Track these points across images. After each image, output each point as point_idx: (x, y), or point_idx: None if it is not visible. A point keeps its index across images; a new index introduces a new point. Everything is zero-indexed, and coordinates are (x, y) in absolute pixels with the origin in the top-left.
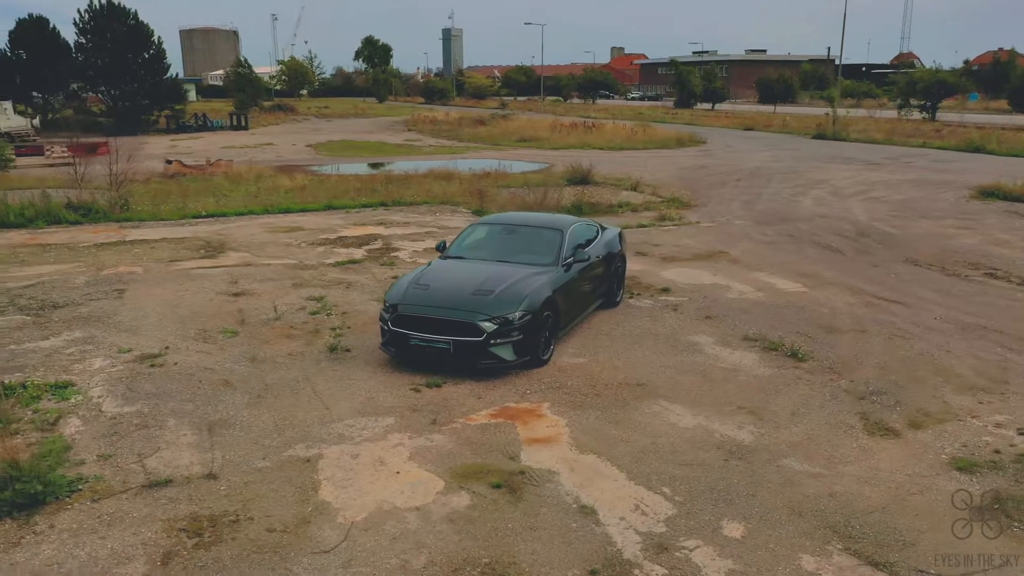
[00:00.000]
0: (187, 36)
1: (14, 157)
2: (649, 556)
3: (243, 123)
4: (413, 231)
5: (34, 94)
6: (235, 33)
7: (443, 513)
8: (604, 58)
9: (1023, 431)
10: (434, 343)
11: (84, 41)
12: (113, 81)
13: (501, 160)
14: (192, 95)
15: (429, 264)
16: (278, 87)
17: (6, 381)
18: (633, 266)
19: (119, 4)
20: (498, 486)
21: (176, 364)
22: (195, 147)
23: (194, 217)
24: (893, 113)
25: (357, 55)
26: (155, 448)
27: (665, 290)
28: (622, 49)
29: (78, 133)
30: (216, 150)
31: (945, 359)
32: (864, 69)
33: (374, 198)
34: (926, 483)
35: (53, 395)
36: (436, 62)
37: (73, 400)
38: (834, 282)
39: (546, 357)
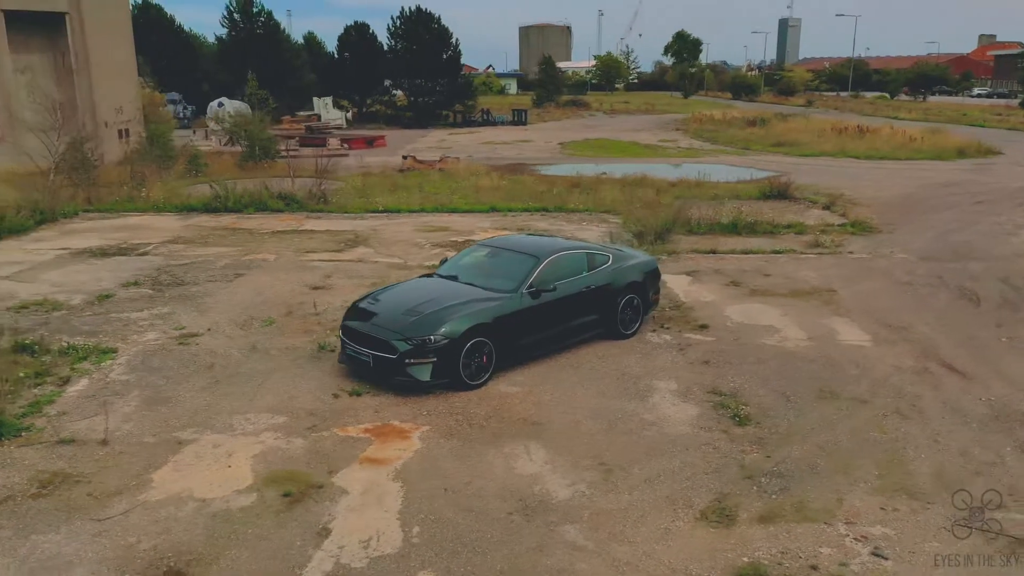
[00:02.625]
0: (524, 32)
1: (279, 149)
2: None
3: (523, 119)
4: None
5: (353, 91)
6: (568, 29)
7: (217, 509)
8: (966, 48)
9: (878, 552)
10: (360, 355)
11: (395, 44)
12: (416, 79)
13: (732, 166)
14: (513, 88)
15: (406, 280)
16: (593, 81)
17: (70, 342)
18: (704, 296)
19: (426, 10)
20: (287, 495)
21: (197, 345)
22: (460, 141)
23: (371, 212)
24: None
25: (666, 50)
26: (97, 413)
27: (703, 327)
28: (993, 37)
29: (382, 125)
30: (476, 145)
31: (913, 452)
32: None
33: (544, 202)
34: None
35: (96, 358)
36: (758, 55)
37: (102, 364)
38: (917, 338)
39: (477, 383)
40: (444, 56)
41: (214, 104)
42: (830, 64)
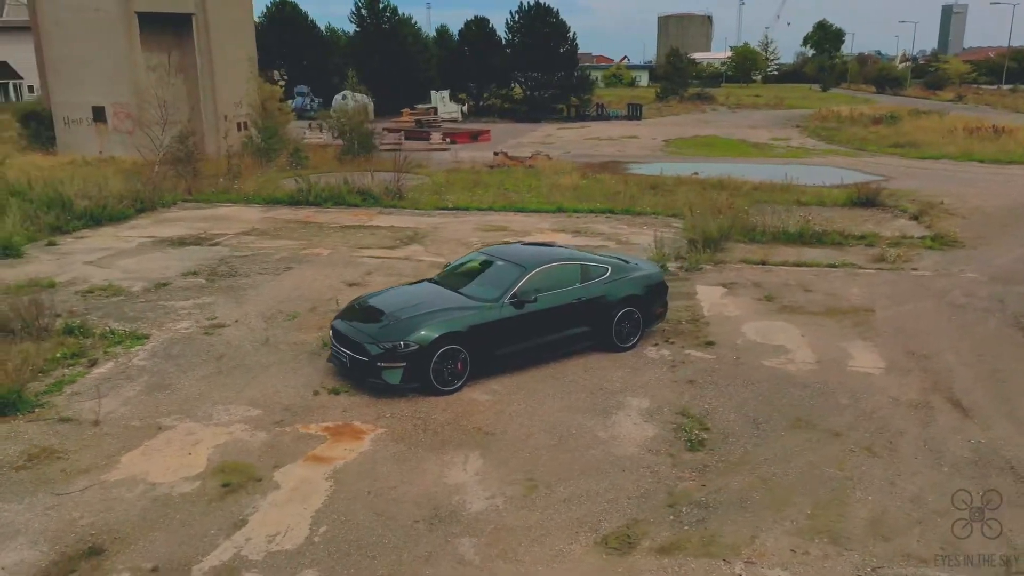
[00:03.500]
0: (663, 22)
1: (376, 144)
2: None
3: (637, 114)
4: (587, 242)
5: (470, 84)
6: (709, 18)
7: (160, 493)
8: None
9: None
10: (340, 355)
11: (513, 38)
12: (532, 73)
13: (835, 168)
14: (644, 80)
15: (400, 285)
16: (728, 73)
17: (112, 327)
18: (729, 311)
19: (544, 4)
20: (226, 485)
21: (219, 335)
22: (566, 136)
23: (441, 209)
24: None
25: (806, 40)
26: (105, 395)
27: (709, 344)
28: None
29: (495, 118)
30: (579, 140)
31: (861, 494)
32: None
33: (614, 203)
34: None
35: (128, 343)
36: (919, 44)
37: (131, 350)
38: (936, 368)
39: (450, 388)
40: (561, 50)
41: (338, 97)
42: (995, 54)
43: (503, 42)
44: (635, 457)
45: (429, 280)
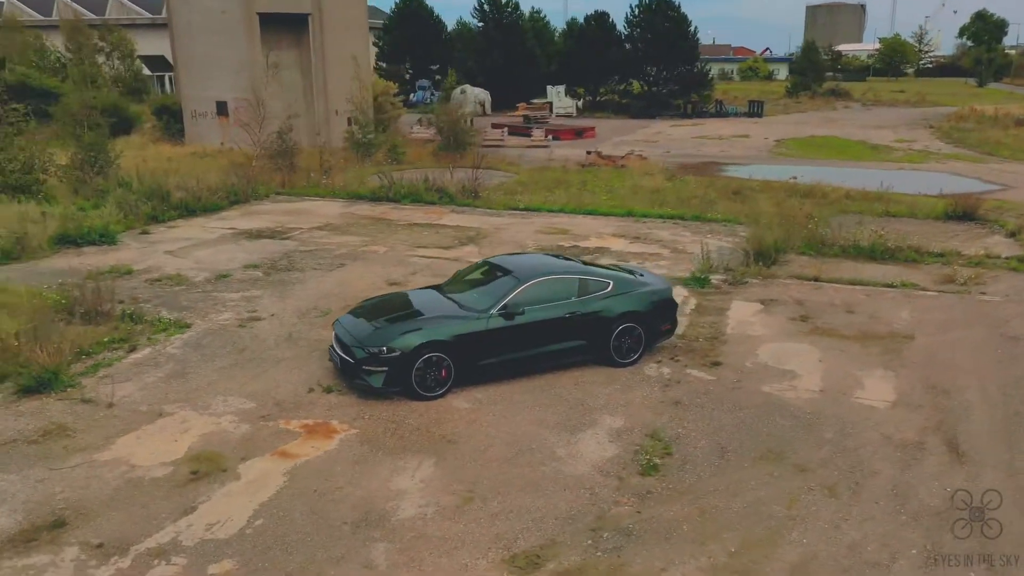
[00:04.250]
0: (811, 12)
1: (476, 140)
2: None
3: (758, 111)
4: (642, 249)
5: (588, 79)
6: (862, 7)
7: (135, 476)
8: None
9: None
10: (334, 355)
11: (633, 32)
12: (650, 68)
13: (951, 175)
14: (782, 73)
15: (402, 290)
16: (876, 66)
17: (162, 316)
18: (754, 330)
19: None
20: (194, 472)
21: (250, 329)
22: (674, 134)
23: (512, 209)
24: None
25: (962, 32)
26: (126, 380)
27: (715, 364)
28: None
29: (610, 114)
30: (686, 139)
31: (798, 536)
32: None
33: (687, 209)
34: None
35: (171, 332)
36: None
37: (170, 338)
38: (950, 407)
39: (432, 394)
40: (681, 45)
41: (456, 91)
42: None
43: (623, 36)
44: (582, 477)
45: (434, 287)
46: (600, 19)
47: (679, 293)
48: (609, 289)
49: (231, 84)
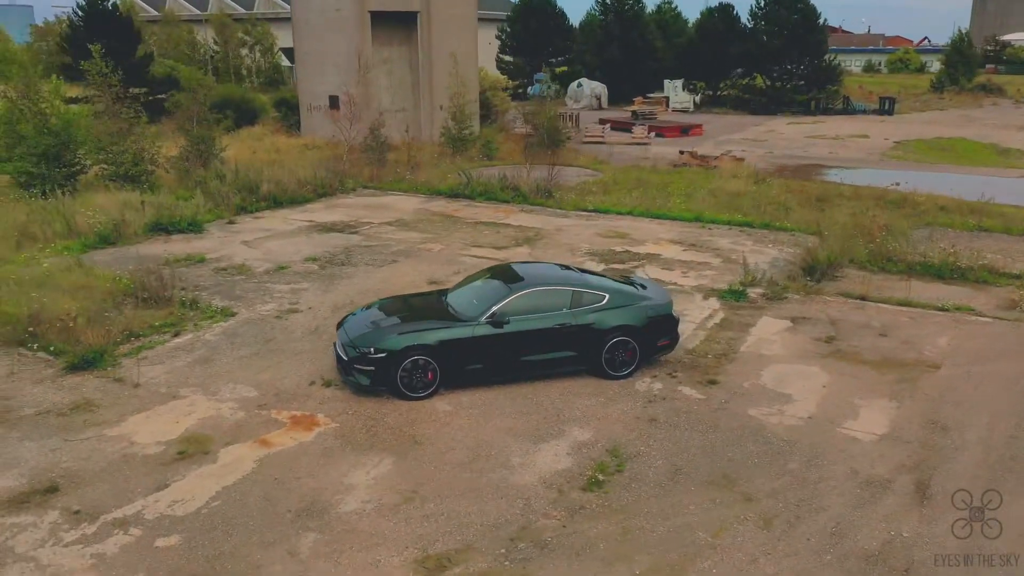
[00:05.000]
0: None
1: (563, 138)
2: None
3: (889, 108)
4: (692, 258)
5: (704, 74)
6: None
7: (132, 452)
8: None
9: None
10: (336, 352)
11: (757, 24)
12: (774, 63)
13: None
14: (935, 65)
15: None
16: None
17: (214, 304)
18: (769, 349)
19: None
20: (181, 453)
21: (285, 320)
22: (786, 133)
23: (581, 210)
24: None
25: None
26: (159, 363)
27: (711, 383)
28: None
29: (728, 110)
30: (796, 138)
31: (707, 565)
32: None
33: (760, 216)
34: None
35: (217, 319)
36: None
37: (213, 325)
38: (943, 445)
39: (417, 395)
40: (808, 39)
41: (573, 85)
42: None
43: (747, 29)
44: (524, 487)
45: (440, 291)
46: (724, 11)
47: (709, 306)
48: (603, 302)
49: (342, 79)
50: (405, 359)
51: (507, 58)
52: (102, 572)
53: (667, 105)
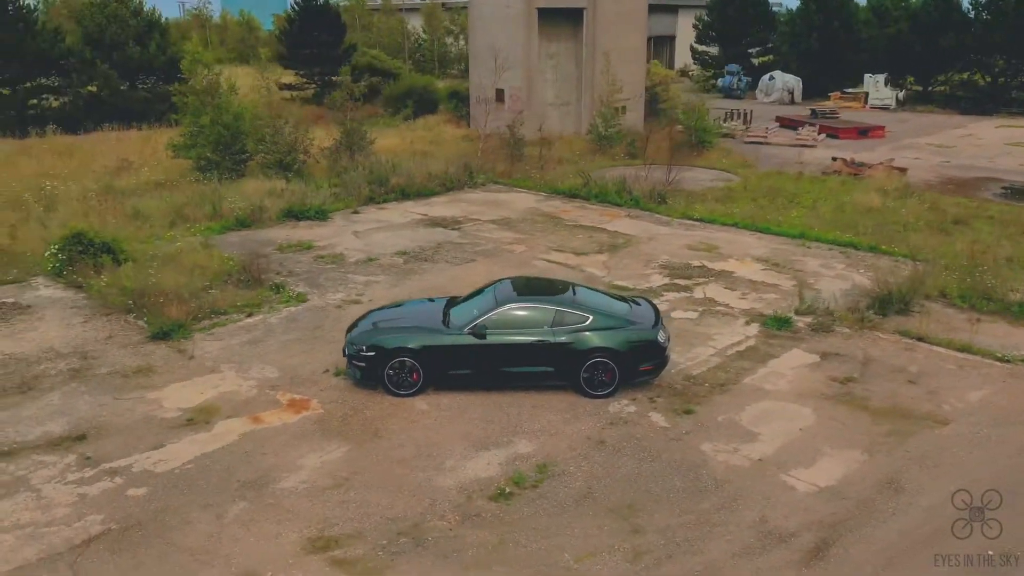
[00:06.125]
0: None
1: (711, 140)
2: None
3: None
4: (764, 278)
5: (914, 68)
6: None
7: (156, 415)
8: None
9: None
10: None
11: (980, 14)
12: (998, 56)
13: None
14: None
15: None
16: None
17: (295, 289)
18: (773, 383)
19: None
20: (189, 420)
21: (342, 311)
22: (984, 139)
23: (686, 218)
24: None
25: None
26: (220, 339)
27: (687, 412)
28: None
29: (933, 108)
30: (994, 145)
31: None
32: None
33: (874, 238)
34: None
35: (291, 303)
36: None
37: (284, 309)
38: (888, 508)
39: (404, 392)
40: None
41: (765, 78)
42: None
43: (966, 18)
44: (441, 489)
45: (450, 298)
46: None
47: (745, 332)
48: (586, 323)
49: (509, 73)
50: (392, 359)
51: (701, 47)
52: (76, 508)
53: (865, 102)
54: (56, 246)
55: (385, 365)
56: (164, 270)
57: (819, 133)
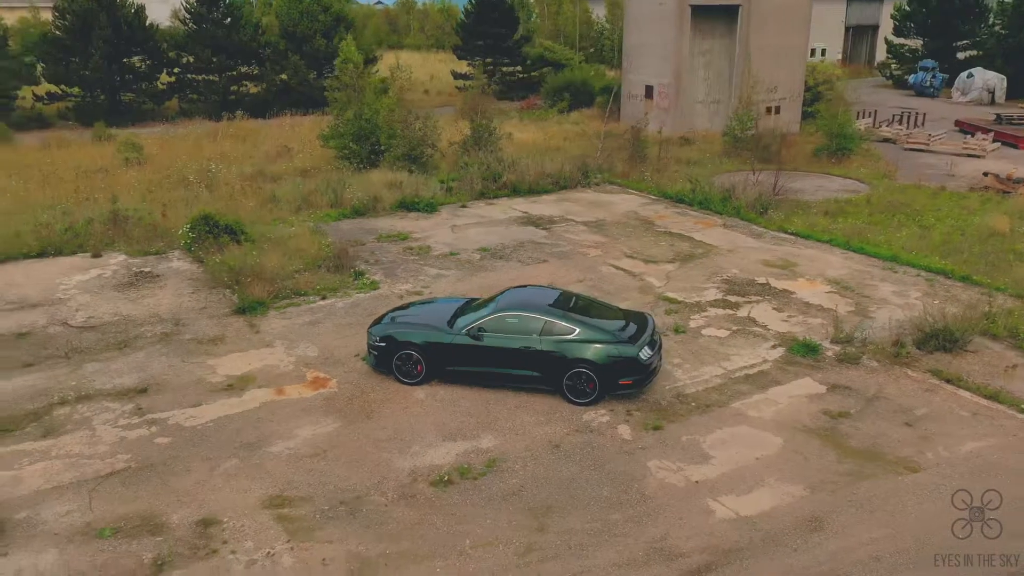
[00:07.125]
0: None
1: (857, 143)
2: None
3: None
4: (822, 302)
5: None
6: None
7: (206, 379)
8: None
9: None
10: None
11: None
12: None
13: None
14: None
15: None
16: None
17: (373, 279)
18: (763, 412)
19: None
20: (229, 386)
21: (397, 300)
22: None
23: (781, 231)
24: None
25: None
26: (287, 318)
27: (656, 428)
28: None
29: None
30: None
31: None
32: None
33: (972, 267)
34: None
35: (364, 290)
36: None
37: (354, 295)
38: (791, 546)
39: (410, 381)
40: None
41: (963, 75)
42: None
43: None
44: (395, 470)
45: (469, 299)
46: None
47: (765, 356)
48: (572, 335)
49: (659, 70)
50: (400, 351)
51: (899, 40)
52: (113, 447)
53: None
54: (188, 225)
55: (394, 355)
56: (269, 252)
57: (994, 141)
